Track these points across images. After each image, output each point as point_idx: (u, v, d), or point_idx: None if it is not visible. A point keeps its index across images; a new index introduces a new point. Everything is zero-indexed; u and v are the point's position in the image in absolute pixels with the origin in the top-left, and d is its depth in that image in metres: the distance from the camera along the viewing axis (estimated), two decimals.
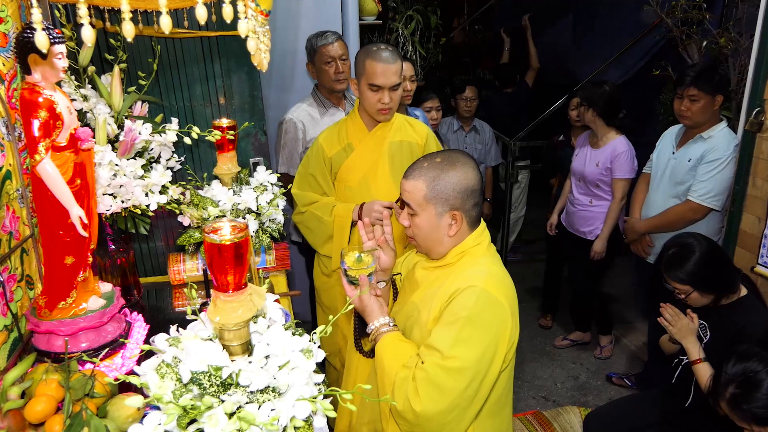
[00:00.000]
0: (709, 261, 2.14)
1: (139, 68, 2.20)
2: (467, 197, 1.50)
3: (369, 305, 1.57)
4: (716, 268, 2.16)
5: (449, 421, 1.40)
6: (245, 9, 0.99)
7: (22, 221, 1.60)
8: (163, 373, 1.05)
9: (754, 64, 2.50)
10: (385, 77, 2.19)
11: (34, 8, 0.74)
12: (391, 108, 2.28)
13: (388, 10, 4.60)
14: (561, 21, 5.86)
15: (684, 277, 2.15)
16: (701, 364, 2.11)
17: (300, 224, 2.53)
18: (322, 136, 2.45)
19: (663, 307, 2.23)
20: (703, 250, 2.15)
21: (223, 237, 1.02)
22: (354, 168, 2.41)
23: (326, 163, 2.42)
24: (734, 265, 2.32)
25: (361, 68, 2.24)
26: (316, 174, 2.43)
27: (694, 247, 2.16)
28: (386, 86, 2.21)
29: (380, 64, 2.18)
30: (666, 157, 3.01)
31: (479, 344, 1.40)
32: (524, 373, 3.62)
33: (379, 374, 1.51)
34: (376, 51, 2.21)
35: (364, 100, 2.30)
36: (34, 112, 1.36)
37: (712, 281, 2.14)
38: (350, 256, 1.60)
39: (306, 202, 2.45)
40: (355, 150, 2.40)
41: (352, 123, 2.42)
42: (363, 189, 2.39)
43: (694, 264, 2.13)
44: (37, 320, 1.52)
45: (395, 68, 2.21)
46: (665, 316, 2.21)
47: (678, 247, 2.20)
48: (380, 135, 2.40)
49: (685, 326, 2.17)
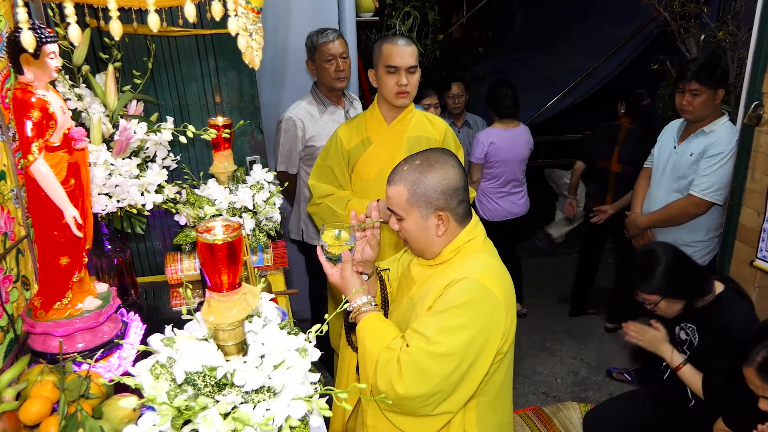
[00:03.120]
0: (673, 270, 2.14)
1: (134, 67, 2.19)
2: (451, 196, 1.49)
3: (352, 282, 1.57)
4: (682, 275, 2.15)
5: (429, 403, 1.41)
6: (235, 6, 0.98)
7: (17, 222, 1.60)
8: (157, 374, 1.05)
9: (752, 57, 2.49)
10: (401, 58, 2.26)
11: (19, 8, 0.73)
12: (408, 92, 2.32)
13: (386, 6, 4.58)
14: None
15: (651, 288, 2.15)
16: (684, 369, 2.12)
17: (315, 215, 2.55)
18: (342, 129, 2.48)
19: (625, 326, 2.27)
20: (667, 260, 2.15)
21: (216, 237, 1.01)
22: (371, 161, 2.42)
23: (344, 155, 2.44)
24: (701, 269, 2.33)
25: (378, 54, 2.31)
26: (334, 166, 2.45)
27: (659, 257, 2.16)
28: (403, 66, 2.27)
29: (396, 46, 2.27)
30: (667, 151, 3.00)
31: (467, 331, 1.40)
32: (524, 368, 3.62)
33: (360, 353, 1.51)
34: (391, 37, 2.32)
35: (382, 86, 2.33)
36: (26, 112, 1.35)
37: (678, 289, 2.14)
38: (329, 233, 1.60)
39: (322, 194, 2.46)
40: (374, 143, 2.42)
41: (371, 116, 2.44)
42: (380, 182, 2.39)
43: (661, 274, 2.13)
44: (33, 321, 1.51)
45: (411, 50, 2.28)
46: (630, 335, 2.24)
47: (643, 257, 2.22)
48: (399, 129, 2.41)
49: (654, 337, 2.19)
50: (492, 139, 3.78)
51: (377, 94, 2.41)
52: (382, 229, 1.84)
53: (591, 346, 3.88)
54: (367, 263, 1.67)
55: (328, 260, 1.61)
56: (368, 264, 1.67)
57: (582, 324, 4.16)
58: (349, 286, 1.57)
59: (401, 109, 2.39)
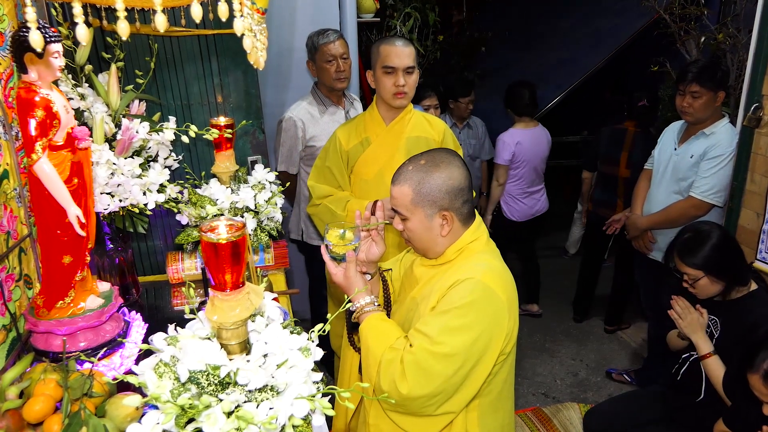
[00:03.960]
0: (723, 247, 2.14)
1: (136, 67, 2.19)
2: (455, 196, 1.49)
3: (355, 282, 1.57)
4: (730, 255, 2.16)
5: (432, 403, 1.42)
6: (241, 7, 0.98)
7: (20, 221, 1.60)
8: (161, 373, 1.05)
9: (752, 59, 2.50)
10: (399, 58, 2.26)
11: (28, 7, 0.74)
12: (406, 93, 2.32)
13: (386, 7, 4.59)
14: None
15: (698, 261, 2.14)
16: (711, 359, 2.10)
17: (314, 216, 2.55)
18: (341, 130, 2.48)
19: (675, 299, 2.21)
20: (719, 236, 2.16)
21: (220, 236, 1.02)
22: (370, 162, 2.42)
23: (343, 156, 2.44)
24: (746, 259, 2.32)
25: (376, 55, 2.31)
26: (333, 167, 2.45)
27: (710, 233, 2.17)
28: (400, 67, 2.27)
29: (393, 47, 2.27)
30: (668, 153, 3.01)
31: (470, 332, 1.40)
32: (524, 369, 3.62)
33: (363, 353, 1.51)
34: (389, 38, 2.32)
35: (379, 87, 2.34)
36: (30, 111, 1.35)
37: (724, 268, 2.14)
38: (334, 233, 1.60)
39: (321, 195, 2.46)
40: (372, 144, 2.42)
41: (370, 117, 2.45)
42: (379, 183, 2.40)
43: (710, 248, 2.13)
44: (36, 320, 1.52)
45: (408, 51, 2.28)
46: (675, 309, 2.20)
47: (694, 232, 2.21)
48: (397, 129, 2.42)
49: (695, 320, 2.16)
50: (518, 139, 3.80)
51: (376, 95, 2.41)
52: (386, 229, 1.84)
53: (590, 347, 3.88)
54: (371, 263, 1.67)
55: (333, 260, 1.61)
56: (372, 264, 1.68)
57: (581, 325, 4.17)
58: (352, 286, 1.56)
59: (400, 110, 2.40)
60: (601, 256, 4.05)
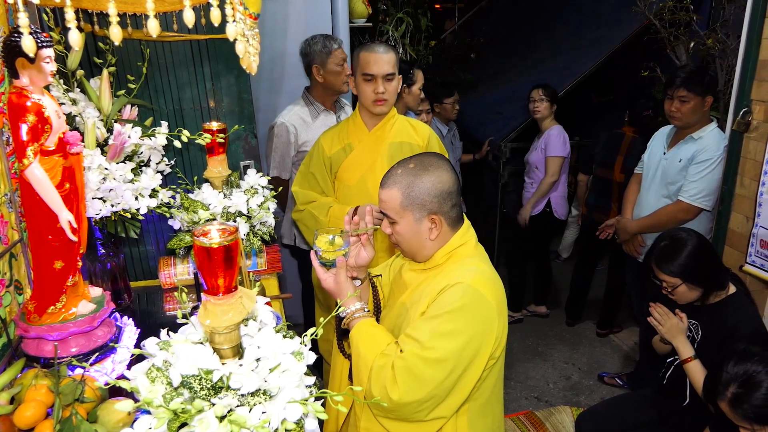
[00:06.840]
0: (700, 255, 2.16)
1: (128, 71, 2.19)
2: (444, 200, 1.50)
3: (346, 287, 1.57)
4: (706, 262, 2.18)
5: (423, 408, 1.42)
6: (233, 12, 0.99)
7: (11, 226, 1.60)
8: (153, 377, 1.05)
9: (741, 64, 2.53)
10: (377, 66, 2.25)
11: (20, 12, 0.74)
12: (386, 99, 2.31)
13: (379, 12, 4.60)
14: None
15: (675, 269, 2.16)
16: (692, 363, 2.12)
17: (298, 222, 2.55)
18: (324, 136, 2.49)
19: (653, 306, 2.24)
20: (695, 244, 2.17)
21: (213, 240, 1.02)
22: (353, 167, 2.42)
23: (326, 162, 2.44)
24: (723, 264, 2.34)
25: (356, 62, 2.31)
26: (316, 173, 2.46)
27: (686, 241, 2.18)
28: (379, 74, 2.26)
29: (373, 54, 2.26)
30: (657, 157, 3.03)
31: (460, 337, 1.40)
32: (516, 373, 3.63)
33: (354, 360, 1.51)
34: (370, 44, 2.32)
35: (360, 94, 2.34)
36: (22, 116, 1.35)
37: (701, 275, 2.16)
38: (323, 238, 1.60)
39: (305, 201, 2.46)
40: (355, 150, 2.42)
41: (353, 123, 2.45)
42: (361, 189, 2.40)
43: (686, 256, 2.15)
44: (27, 325, 1.51)
45: (388, 58, 2.27)
46: (654, 316, 2.22)
47: (670, 239, 2.23)
48: (379, 135, 2.42)
49: (675, 326, 2.18)
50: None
51: (358, 101, 2.42)
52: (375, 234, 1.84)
53: (582, 351, 3.90)
54: (361, 268, 1.67)
55: (322, 265, 1.61)
56: (362, 269, 1.68)
57: (574, 329, 4.18)
58: (343, 292, 1.56)
59: (382, 116, 2.40)
60: (594, 260, 4.08)
